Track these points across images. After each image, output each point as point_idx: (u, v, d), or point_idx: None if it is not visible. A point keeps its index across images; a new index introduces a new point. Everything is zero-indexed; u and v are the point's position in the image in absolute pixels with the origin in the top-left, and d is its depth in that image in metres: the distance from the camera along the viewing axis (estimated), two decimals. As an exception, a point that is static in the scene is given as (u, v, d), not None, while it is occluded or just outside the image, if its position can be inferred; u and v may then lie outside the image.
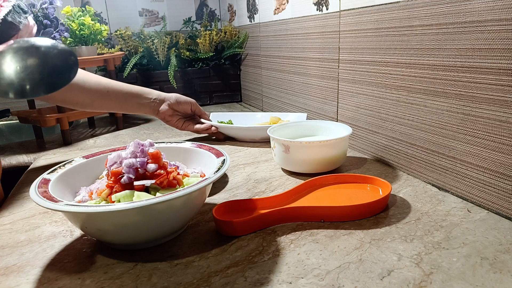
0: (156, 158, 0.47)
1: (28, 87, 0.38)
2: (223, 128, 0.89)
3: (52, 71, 0.39)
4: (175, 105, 0.85)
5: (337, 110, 0.82)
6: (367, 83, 0.71)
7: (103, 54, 1.15)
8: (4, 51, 0.38)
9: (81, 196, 0.49)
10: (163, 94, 0.85)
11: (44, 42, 0.40)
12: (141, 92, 0.83)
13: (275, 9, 1.07)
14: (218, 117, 0.98)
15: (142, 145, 0.48)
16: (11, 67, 0.38)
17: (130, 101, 0.81)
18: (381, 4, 0.64)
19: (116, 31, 1.32)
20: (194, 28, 1.48)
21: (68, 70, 0.40)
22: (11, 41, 0.42)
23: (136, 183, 0.45)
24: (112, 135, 1.07)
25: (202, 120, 0.90)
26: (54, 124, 0.98)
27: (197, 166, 0.55)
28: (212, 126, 0.88)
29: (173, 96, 0.86)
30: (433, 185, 0.59)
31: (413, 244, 0.43)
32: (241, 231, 0.47)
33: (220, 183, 0.64)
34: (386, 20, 0.63)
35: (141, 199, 0.42)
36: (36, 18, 0.83)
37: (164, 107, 0.84)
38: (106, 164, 0.48)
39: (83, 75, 0.76)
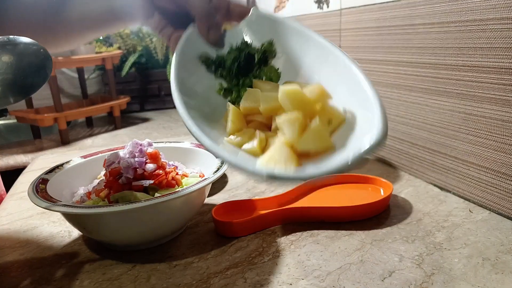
0: (154, 158, 0.47)
1: None
2: None
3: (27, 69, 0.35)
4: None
5: (337, 109, 0.82)
6: (368, 82, 0.70)
7: (101, 52, 1.14)
8: None
9: (79, 196, 0.48)
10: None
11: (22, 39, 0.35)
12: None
13: (275, 7, 1.06)
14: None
15: (141, 145, 0.48)
16: None
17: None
18: (383, 2, 0.63)
19: (114, 30, 1.32)
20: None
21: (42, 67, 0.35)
22: None
23: (134, 183, 0.45)
24: (110, 135, 1.06)
25: None
26: (52, 124, 0.98)
27: (196, 166, 0.54)
28: None
29: None
30: (434, 185, 0.59)
31: (414, 245, 0.43)
32: (241, 232, 0.46)
33: (220, 183, 0.64)
34: (388, 18, 0.63)
35: (140, 199, 0.42)
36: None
37: None
38: (104, 164, 0.48)
39: None
